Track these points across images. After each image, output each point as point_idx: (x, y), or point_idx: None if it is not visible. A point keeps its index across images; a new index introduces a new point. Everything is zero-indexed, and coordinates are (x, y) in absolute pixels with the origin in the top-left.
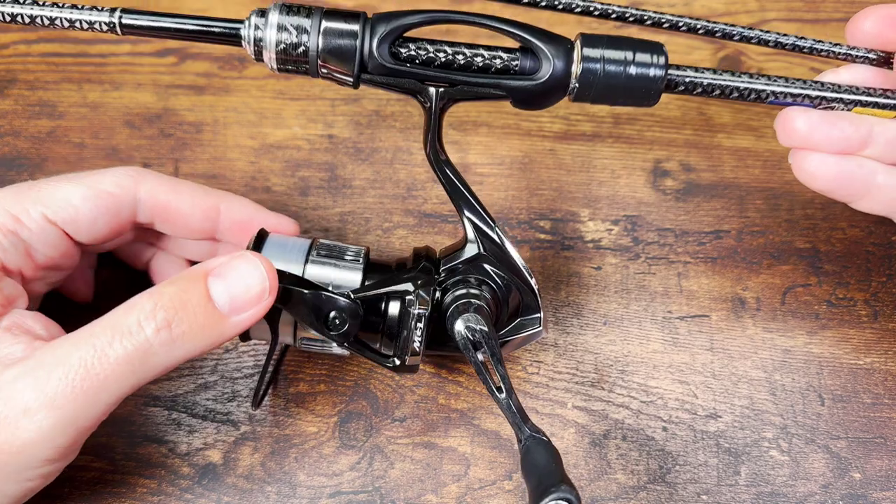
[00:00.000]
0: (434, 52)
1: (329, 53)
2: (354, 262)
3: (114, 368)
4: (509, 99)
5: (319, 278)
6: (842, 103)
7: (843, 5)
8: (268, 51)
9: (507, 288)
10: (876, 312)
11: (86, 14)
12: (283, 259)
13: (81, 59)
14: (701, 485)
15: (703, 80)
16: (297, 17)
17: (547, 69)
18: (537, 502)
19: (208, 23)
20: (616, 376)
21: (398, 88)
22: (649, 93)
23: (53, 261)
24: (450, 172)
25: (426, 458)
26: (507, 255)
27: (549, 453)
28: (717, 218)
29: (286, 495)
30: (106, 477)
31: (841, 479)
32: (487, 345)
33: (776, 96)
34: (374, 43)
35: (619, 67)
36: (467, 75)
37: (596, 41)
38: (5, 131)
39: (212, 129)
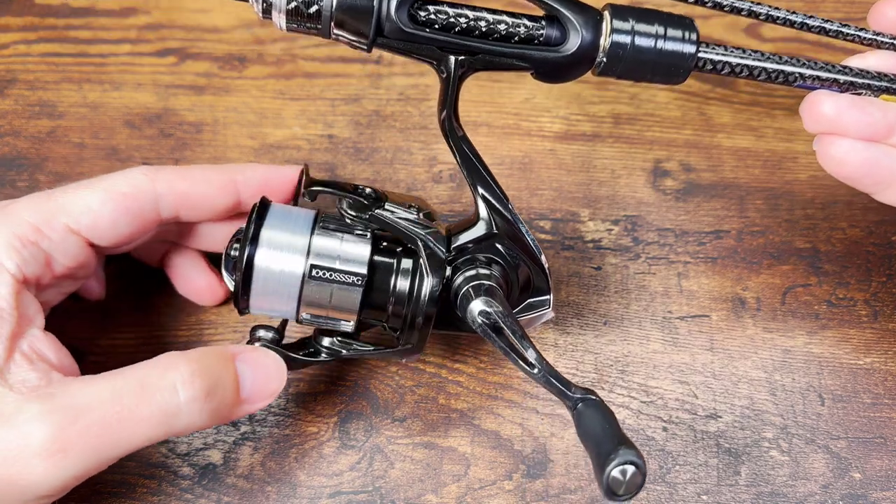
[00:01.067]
0: (455, 17)
1: (344, 13)
2: (362, 236)
3: (136, 427)
4: (531, 70)
5: (326, 250)
6: (870, 90)
7: (844, 5)
8: (277, 7)
9: (517, 267)
10: (876, 312)
11: None
12: (288, 230)
13: (81, 59)
14: (701, 485)
15: (732, 60)
16: None
17: (575, 41)
18: (603, 471)
19: None
20: (616, 376)
21: (415, 55)
22: (679, 70)
23: (70, 270)
24: (465, 147)
25: (426, 458)
26: (519, 234)
27: (602, 414)
28: (717, 218)
29: (286, 495)
30: (106, 477)
31: (841, 479)
32: (507, 325)
33: (804, 79)
34: (393, 3)
35: (650, 42)
36: (489, 43)
37: (626, 13)
38: (5, 131)
39: (212, 129)
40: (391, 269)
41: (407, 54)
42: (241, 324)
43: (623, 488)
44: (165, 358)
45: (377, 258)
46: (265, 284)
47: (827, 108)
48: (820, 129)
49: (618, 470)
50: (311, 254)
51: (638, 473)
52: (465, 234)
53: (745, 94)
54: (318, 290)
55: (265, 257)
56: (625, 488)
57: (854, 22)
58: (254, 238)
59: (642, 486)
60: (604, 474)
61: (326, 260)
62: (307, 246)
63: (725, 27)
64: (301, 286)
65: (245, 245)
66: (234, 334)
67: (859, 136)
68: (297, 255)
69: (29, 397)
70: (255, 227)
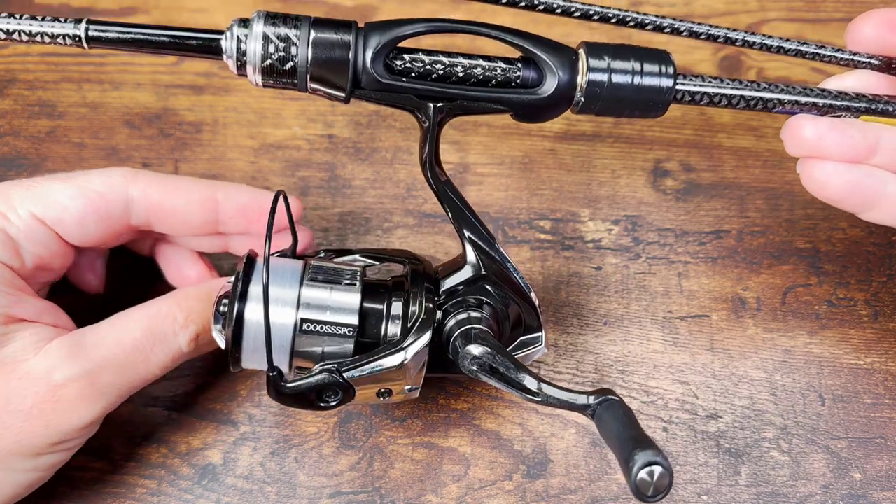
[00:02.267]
0: (430, 64)
1: (319, 67)
2: (351, 285)
3: (150, 367)
4: (510, 112)
5: (316, 301)
6: (849, 111)
7: (843, 5)
8: (252, 65)
9: (508, 306)
10: (876, 312)
11: (47, 26)
12: (277, 284)
13: (81, 58)
14: (701, 485)
15: (710, 90)
16: (283, 27)
17: (552, 82)
18: (630, 476)
19: (184, 34)
20: (616, 376)
21: (393, 104)
22: (657, 105)
23: (43, 261)
24: (448, 191)
25: (426, 458)
26: (508, 274)
27: (618, 416)
28: (718, 218)
29: (286, 495)
30: (106, 477)
31: (841, 479)
32: (500, 363)
33: (783, 104)
34: (368, 55)
35: (627, 78)
36: (466, 89)
37: (601, 50)
38: (5, 131)
39: (212, 129)
40: (381, 315)
41: (385, 103)
42: None
43: (652, 489)
44: (164, 305)
45: (367, 305)
46: (256, 339)
47: (808, 132)
48: (802, 153)
49: (644, 472)
50: (300, 306)
51: (664, 473)
52: (453, 277)
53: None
54: (309, 342)
55: (255, 312)
56: (653, 489)
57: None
58: (242, 294)
59: (671, 484)
60: (631, 479)
61: (316, 312)
62: (296, 299)
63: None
64: (293, 339)
65: (234, 301)
66: None
67: (841, 159)
68: (286, 308)
69: (60, 347)
70: (244, 282)
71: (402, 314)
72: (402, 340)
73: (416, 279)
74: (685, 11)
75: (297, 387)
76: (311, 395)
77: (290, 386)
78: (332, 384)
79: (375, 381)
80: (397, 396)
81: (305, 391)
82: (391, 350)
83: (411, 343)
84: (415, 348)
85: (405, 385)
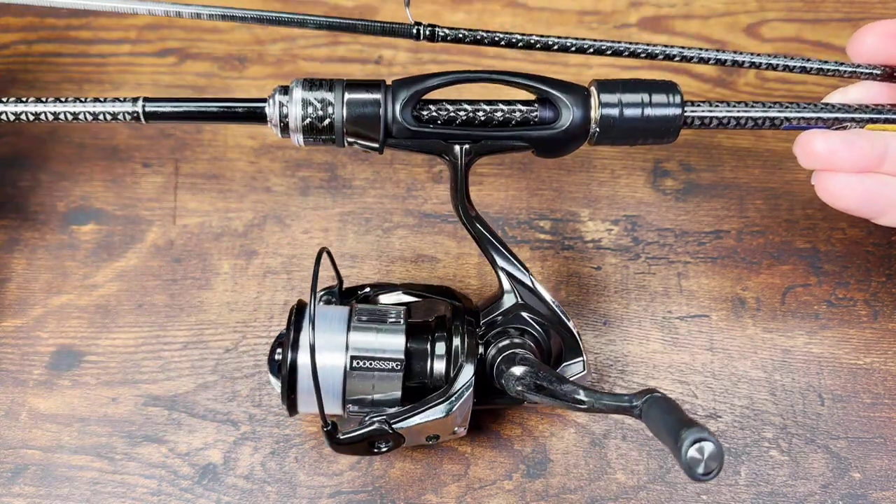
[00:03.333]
0: (455, 111)
1: (354, 123)
2: (395, 325)
3: None
4: (532, 149)
5: (364, 345)
6: (854, 122)
7: (843, 5)
8: (294, 127)
9: (547, 334)
10: (876, 312)
11: (108, 106)
12: (325, 330)
13: (81, 59)
14: (701, 485)
15: (719, 114)
16: (319, 90)
17: (567, 117)
18: (680, 458)
19: (231, 104)
20: (616, 376)
21: (424, 150)
22: (669, 131)
23: None
24: (480, 226)
25: (426, 458)
26: (543, 301)
27: (662, 408)
28: (717, 218)
29: (286, 495)
30: (106, 477)
31: (841, 479)
32: (545, 379)
33: (790, 122)
34: (398, 108)
35: (637, 110)
36: (489, 130)
37: (612, 86)
38: (6, 131)
39: (212, 129)
40: (426, 354)
41: (417, 150)
42: (241, 324)
43: (703, 466)
44: None
45: (412, 345)
46: (310, 386)
47: (819, 146)
48: (815, 166)
49: (694, 450)
50: (349, 348)
51: (715, 449)
52: (491, 308)
53: (745, 93)
54: (360, 381)
55: (307, 359)
56: (704, 466)
57: (853, 23)
58: (293, 343)
59: (722, 461)
60: (682, 460)
61: (365, 352)
62: (345, 343)
63: (725, 28)
64: (344, 381)
65: (286, 351)
66: (233, 334)
67: (853, 170)
68: (336, 353)
69: None
70: (295, 331)
71: (447, 351)
72: (447, 390)
73: (457, 317)
74: (685, 12)
75: (350, 438)
76: (364, 443)
77: (345, 437)
78: (384, 434)
79: (424, 429)
80: (445, 438)
81: (358, 441)
82: (438, 401)
83: (457, 391)
84: (461, 398)
85: (452, 428)
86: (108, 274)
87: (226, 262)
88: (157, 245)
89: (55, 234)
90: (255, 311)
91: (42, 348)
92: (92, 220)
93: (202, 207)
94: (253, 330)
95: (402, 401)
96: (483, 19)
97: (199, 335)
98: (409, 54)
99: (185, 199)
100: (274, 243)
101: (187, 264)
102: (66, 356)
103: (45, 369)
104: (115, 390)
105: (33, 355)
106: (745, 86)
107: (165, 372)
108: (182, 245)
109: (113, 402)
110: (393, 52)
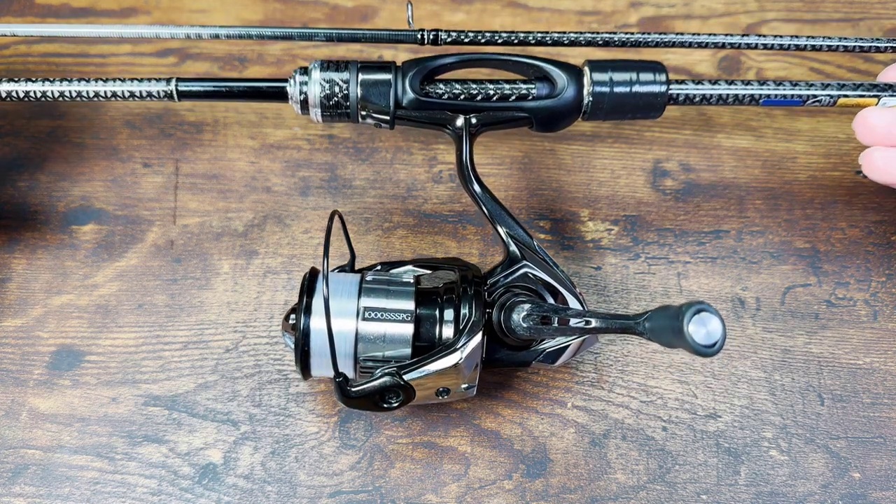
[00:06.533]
0: (461, 88)
1: (367, 98)
2: (406, 287)
3: None
4: (530, 121)
5: (375, 307)
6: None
7: (843, 5)
8: (313, 103)
9: (553, 295)
10: (875, 312)
11: (145, 86)
12: (337, 296)
13: (81, 59)
14: (701, 484)
15: (703, 91)
16: (336, 71)
17: (562, 91)
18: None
19: (256, 84)
20: (616, 376)
21: (431, 121)
22: (654, 107)
23: None
24: (486, 194)
25: (426, 458)
26: (548, 264)
27: (660, 313)
28: (717, 218)
29: (286, 495)
30: (106, 477)
31: (840, 478)
32: (549, 310)
33: (769, 97)
34: (407, 84)
35: (626, 87)
36: (492, 103)
37: (603, 65)
38: (6, 131)
39: (212, 129)
40: (435, 319)
41: (424, 123)
42: (242, 324)
43: (705, 336)
44: None
45: (421, 311)
46: (323, 349)
47: (875, 120)
48: (873, 141)
49: (692, 325)
50: (360, 310)
51: (711, 315)
52: (498, 271)
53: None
54: (372, 338)
55: (320, 324)
56: (706, 335)
57: (853, 23)
58: (307, 308)
59: (724, 331)
60: (685, 337)
61: (376, 307)
62: (356, 307)
63: (725, 28)
64: (355, 345)
65: (300, 315)
66: (233, 334)
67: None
68: (348, 318)
69: None
70: (308, 297)
71: (455, 317)
72: (456, 341)
73: (465, 283)
74: (685, 12)
75: (361, 390)
76: (375, 397)
77: (356, 390)
78: (394, 386)
79: (434, 382)
80: (455, 395)
81: (370, 394)
82: (446, 351)
83: (465, 343)
84: (468, 348)
85: (462, 383)
86: (109, 274)
87: (226, 262)
88: (157, 245)
89: (55, 234)
90: (255, 311)
91: (42, 348)
92: (92, 220)
93: (202, 207)
94: (253, 330)
95: (412, 359)
96: (483, 19)
97: (199, 335)
98: (408, 55)
99: (186, 199)
100: (274, 243)
101: (187, 264)
102: (67, 356)
103: (46, 369)
104: (116, 390)
105: (33, 355)
106: None
107: (165, 372)
108: (182, 245)
109: (113, 402)
110: (393, 52)
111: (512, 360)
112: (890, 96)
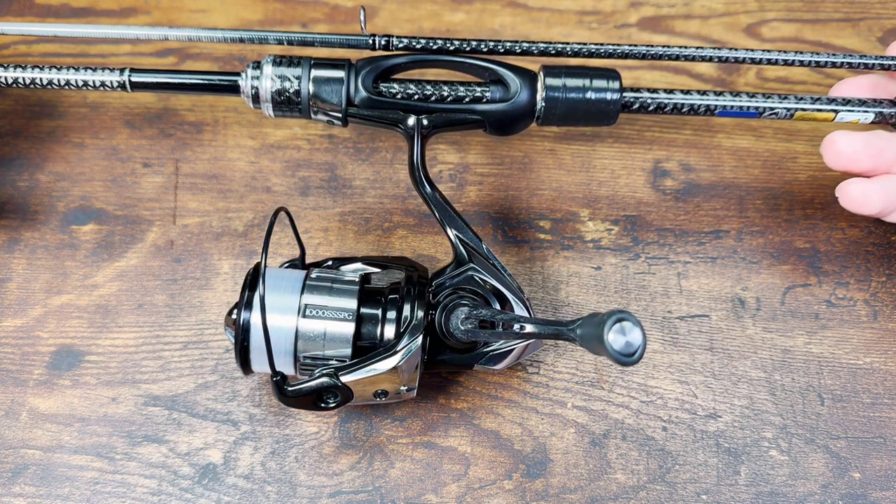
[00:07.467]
0: (414, 88)
1: (318, 95)
2: (350, 285)
3: None
4: (484, 124)
5: (317, 301)
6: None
7: (843, 5)
8: (264, 98)
9: (500, 299)
10: (876, 312)
11: (98, 75)
12: (279, 292)
13: (81, 59)
14: (701, 484)
15: (658, 100)
16: (288, 67)
17: (515, 95)
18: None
19: (209, 77)
20: (616, 376)
21: (383, 120)
22: (608, 114)
23: None
24: (436, 196)
25: (426, 458)
26: (496, 268)
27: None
28: (717, 218)
29: (286, 495)
30: (106, 477)
31: (840, 478)
32: (486, 316)
33: (724, 108)
34: (360, 83)
35: (579, 93)
36: (444, 104)
37: (557, 71)
38: (6, 131)
39: (212, 129)
40: (377, 319)
41: (376, 121)
42: None
43: (624, 345)
44: None
45: (364, 310)
46: (263, 345)
47: (842, 145)
48: (839, 165)
49: (612, 333)
50: (302, 307)
51: (631, 324)
52: (445, 273)
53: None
54: (311, 336)
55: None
56: (626, 344)
57: (853, 23)
58: (248, 303)
59: (645, 339)
60: (605, 346)
61: (317, 305)
62: (298, 303)
63: (725, 28)
64: (295, 343)
65: (241, 311)
66: None
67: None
68: (288, 315)
69: None
70: (249, 292)
71: (396, 318)
72: (396, 343)
73: (409, 283)
74: (685, 12)
75: (298, 390)
76: (312, 397)
77: (292, 389)
78: (331, 387)
79: (371, 384)
80: (394, 396)
81: (306, 394)
82: (385, 354)
83: (404, 346)
84: (407, 351)
85: (401, 385)
86: (109, 274)
87: (226, 262)
88: (157, 245)
89: (55, 234)
90: None
91: (42, 348)
92: (92, 220)
93: (202, 207)
94: None
95: (352, 359)
96: (483, 19)
97: (199, 335)
98: None
99: (186, 199)
100: (274, 243)
101: (187, 264)
102: (67, 356)
103: (46, 369)
104: (116, 390)
105: (33, 355)
106: (745, 86)
107: (165, 372)
108: (182, 245)
109: (113, 402)
110: None
111: (455, 361)
112: (848, 111)
